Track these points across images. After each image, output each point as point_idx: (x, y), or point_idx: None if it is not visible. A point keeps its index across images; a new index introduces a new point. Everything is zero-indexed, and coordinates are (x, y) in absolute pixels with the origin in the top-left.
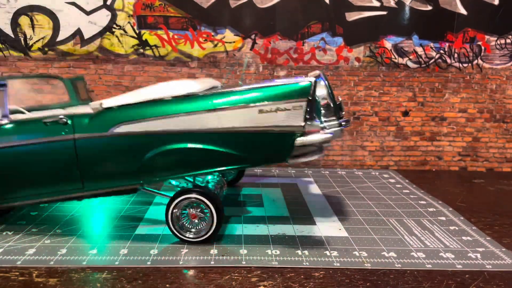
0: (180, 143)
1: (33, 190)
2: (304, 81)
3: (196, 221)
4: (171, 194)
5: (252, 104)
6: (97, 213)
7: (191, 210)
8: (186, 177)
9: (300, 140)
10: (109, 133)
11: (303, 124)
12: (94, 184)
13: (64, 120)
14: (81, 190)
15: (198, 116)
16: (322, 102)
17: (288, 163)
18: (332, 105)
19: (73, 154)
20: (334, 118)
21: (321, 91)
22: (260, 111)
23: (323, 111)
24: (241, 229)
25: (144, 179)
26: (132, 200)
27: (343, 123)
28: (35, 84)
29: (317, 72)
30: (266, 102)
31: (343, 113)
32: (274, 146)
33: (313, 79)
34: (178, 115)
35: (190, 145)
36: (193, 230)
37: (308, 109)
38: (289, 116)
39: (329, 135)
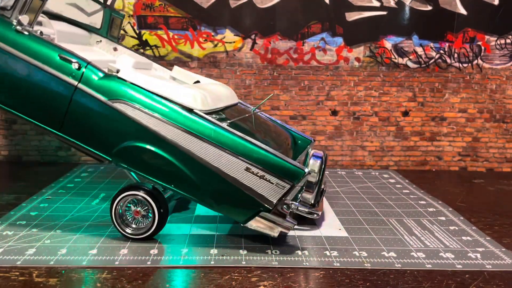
0: (161, 151)
1: (21, 105)
2: (301, 168)
3: (140, 218)
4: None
5: (244, 158)
6: (97, 213)
7: (136, 207)
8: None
9: (263, 215)
10: (108, 102)
11: (275, 202)
12: (70, 132)
13: (77, 65)
14: (58, 130)
15: (192, 138)
16: (307, 184)
17: (241, 225)
18: (316, 191)
19: (68, 98)
20: (310, 204)
21: (313, 174)
22: (247, 169)
23: (306, 196)
24: (241, 229)
25: (114, 159)
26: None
27: (314, 215)
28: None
29: (321, 152)
30: (257, 165)
31: (319, 202)
32: (239, 204)
33: (307, 170)
34: (177, 127)
35: (171, 158)
36: (133, 226)
37: (288, 193)
38: (268, 188)
39: (290, 224)
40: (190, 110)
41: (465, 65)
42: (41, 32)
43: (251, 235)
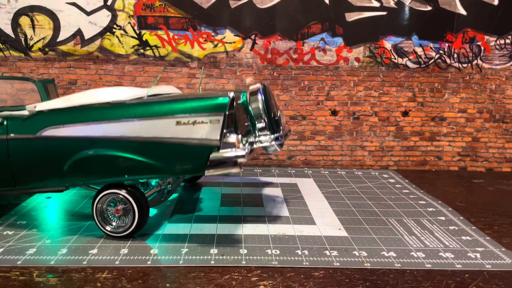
0: (101, 150)
1: None
2: (223, 96)
3: (118, 216)
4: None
5: (170, 116)
6: None
7: (117, 205)
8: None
9: (214, 154)
10: (37, 135)
11: (218, 138)
12: (24, 182)
13: (0, 120)
14: (13, 188)
15: (119, 124)
16: (255, 116)
17: (204, 175)
18: (265, 120)
19: (5, 153)
20: (267, 133)
21: (255, 105)
22: (178, 123)
23: (259, 126)
24: (241, 229)
25: (68, 182)
26: None
27: (278, 138)
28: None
29: (257, 85)
30: (184, 114)
31: (282, 127)
32: (190, 158)
33: (231, 95)
34: (101, 122)
35: (110, 153)
36: (113, 224)
37: (225, 124)
38: (206, 129)
39: (244, 151)
40: (107, 104)
41: (464, 65)
42: None
43: (251, 235)
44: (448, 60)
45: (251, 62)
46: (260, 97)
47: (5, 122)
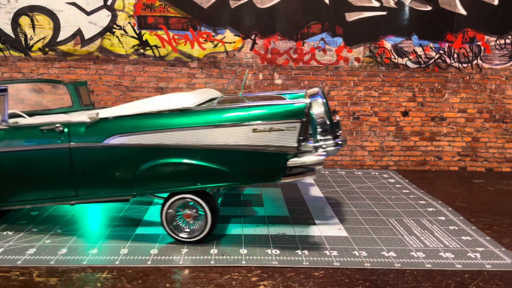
0: (173, 158)
1: (28, 195)
2: (299, 102)
3: (191, 221)
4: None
5: (246, 123)
6: (97, 213)
7: (186, 210)
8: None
9: (292, 161)
10: (103, 144)
11: (296, 145)
12: (87, 192)
13: (61, 128)
14: (75, 197)
15: (192, 132)
16: (318, 120)
17: (279, 183)
18: (328, 124)
19: (67, 163)
20: (330, 137)
21: (317, 109)
22: (254, 130)
23: (319, 130)
24: (241, 229)
25: (137, 191)
26: (132, 200)
27: (338, 143)
28: (40, 89)
29: (315, 89)
30: (260, 121)
31: (340, 131)
32: (266, 165)
33: (308, 101)
34: (173, 129)
35: (183, 160)
36: (187, 230)
37: (302, 130)
38: (282, 136)
39: (321, 157)
40: (177, 111)
41: (464, 65)
42: (16, 122)
43: (251, 235)
44: (448, 60)
45: (251, 62)
46: (321, 100)
47: (66, 130)
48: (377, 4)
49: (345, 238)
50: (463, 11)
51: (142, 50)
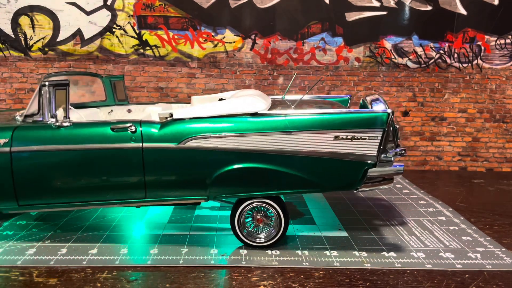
0: (251, 163)
1: (92, 196)
2: (381, 111)
3: (261, 225)
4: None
5: (328, 130)
6: (97, 213)
7: (258, 215)
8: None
9: (373, 170)
10: (180, 145)
11: (376, 154)
12: (157, 194)
13: (133, 128)
14: (143, 199)
15: (271, 137)
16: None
17: (355, 191)
18: (392, 132)
19: (139, 163)
20: (393, 145)
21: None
22: (336, 138)
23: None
24: None
25: (210, 195)
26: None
27: (402, 152)
28: (74, 80)
29: (375, 95)
30: (342, 129)
31: (399, 139)
32: (345, 174)
33: (390, 110)
34: (252, 134)
35: (261, 165)
36: (261, 235)
37: (383, 140)
38: (363, 145)
39: (401, 168)
40: (255, 115)
41: (465, 65)
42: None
43: None
44: (448, 60)
45: (251, 62)
46: (383, 106)
47: (139, 130)
48: (377, 4)
49: (345, 238)
50: (463, 11)
51: (142, 50)
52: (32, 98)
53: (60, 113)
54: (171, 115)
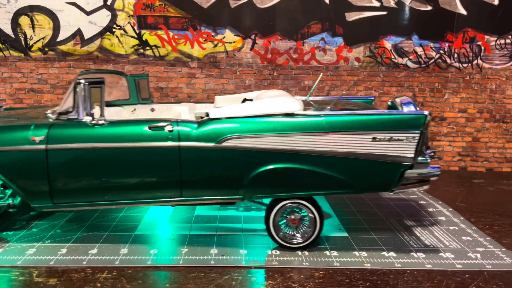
0: (289, 163)
1: (127, 195)
2: (419, 113)
3: (296, 226)
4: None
5: (366, 131)
6: (97, 213)
7: (292, 216)
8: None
9: (410, 172)
10: (217, 145)
11: (413, 156)
12: (193, 193)
13: (170, 127)
14: (178, 198)
15: (310, 137)
16: None
17: (391, 193)
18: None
19: (176, 162)
20: (424, 147)
21: None
22: (374, 139)
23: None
24: (241, 229)
25: (245, 195)
26: None
27: (432, 154)
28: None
29: (405, 97)
30: (381, 131)
31: (428, 142)
32: (382, 175)
33: (427, 112)
34: (289, 133)
35: (298, 166)
36: (298, 235)
37: (420, 142)
38: (401, 146)
39: (437, 170)
40: (291, 115)
41: (465, 65)
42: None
43: (251, 235)
44: (448, 60)
45: (251, 62)
46: (414, 108)
47: (176, 128)
48: (377, 4)
49: (345, 238)
50: (463, 11)
51: (142, 50)
52: (66, 95)
53: (96, 111)
54: (207, 114)
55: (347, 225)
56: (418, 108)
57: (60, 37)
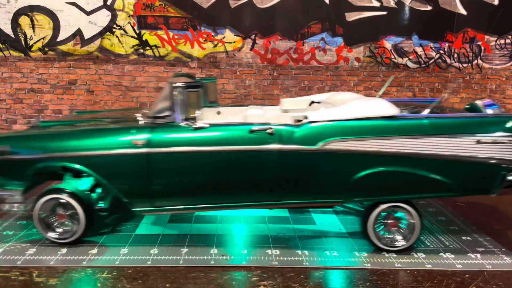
0: (393, 166)
1: (229, 198)
2: None
3: (394, 229)
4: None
5: (470, 134)
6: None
7: (389, 219)
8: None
9: (509, 175)
10: (317, 148)
11: None
12: (291, 197)
13: (271, 130)
14: (277, 201)
15: (413, 140)
16: None
17: (491, 196)
18: None
19: (276, 165)
20: None
21: None
22: (478, 142)
23: None
24: (241, 229)
25: (345, 198)
26: None
27: None
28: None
29: (486, 99)
30: (484, 134)
31: None
32: (484, 178)
33: None
34: (393, 137)
35: (401, 169)
36: (399, 237)
37: None
38: (504, 149)
39: None
40: (391, 118)
41: (465, 65)
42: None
43: (251, 235)
44: (448, 60)
45: (251, 62)
46: (498, 109)
47: (276, 132)
48: (377, 4)
49: (345, 238)
50: (463, 11)
51: (142, 50)
52: (159, 98)
53: (195, 115)
54: (306, 117)
55: (347, 225)
56: (503, 110)
57: (60, 37)
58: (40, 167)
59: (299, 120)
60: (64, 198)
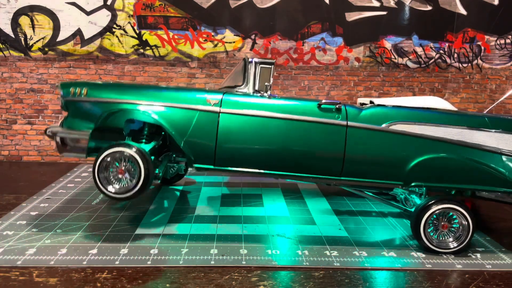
0: (454, 154)
1: (290, 166)
2: None
3: (445, 231)
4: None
5: None
6: (97, 213)
7: (443, 220)
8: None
9: None
10: (383, 127)
11: None
12: (352, 173)
13: (339, 106)
14: (338, 175)
15: (475, 132)
16: None
17: None
18: None
19: (341, 140)
20: None
21: None
22: None
23: None
24: (241, 229)
25: (405, 181)
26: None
27: None
28: None
29: None
30: None
31: None
32: None
33: None
34: (455, 126)
35: (462, 158)
36: (451, 238)
37: None
38: None
39: None
40: (453, 111)
41: (465, 65)
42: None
43: (251, 235)
44: (448, 60)
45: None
46: None
47: (343, 109)
48: (377, 4)
49: (345, 238)
50: (463, 11)
51: (142, 50)
52: (232, 72)
53: (266, 88)
54: (371, 102)
55: (347, 225)
56: None
57: (60, 37)
58: (113, 111)
59: (364, 104)
60: (131, 153)
